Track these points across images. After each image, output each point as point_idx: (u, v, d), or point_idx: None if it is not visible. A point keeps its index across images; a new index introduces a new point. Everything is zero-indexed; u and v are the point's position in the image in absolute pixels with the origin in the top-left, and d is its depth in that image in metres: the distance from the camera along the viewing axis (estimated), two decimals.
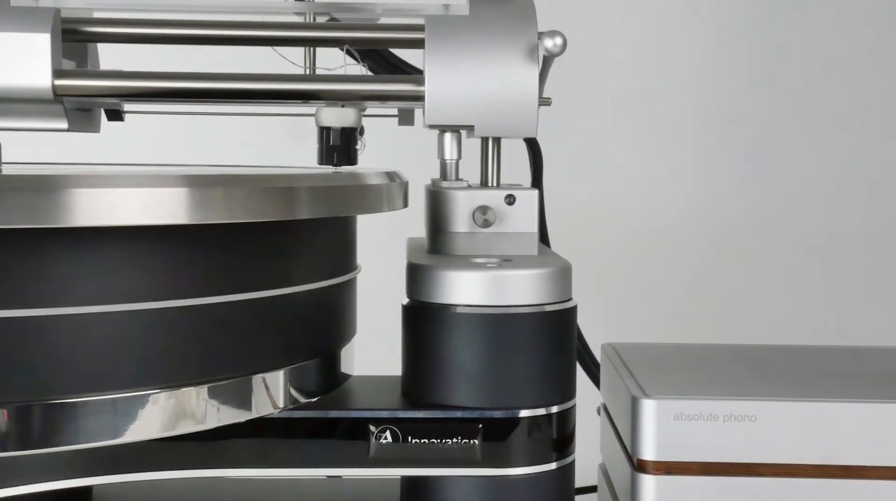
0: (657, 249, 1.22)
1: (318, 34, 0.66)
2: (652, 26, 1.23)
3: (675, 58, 1.23)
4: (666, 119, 1.23)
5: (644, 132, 1.23)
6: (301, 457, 0.58)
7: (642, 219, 1.22)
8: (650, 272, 1.21)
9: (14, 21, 0.60)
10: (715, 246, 1.23)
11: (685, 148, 1.24)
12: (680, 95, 1.23)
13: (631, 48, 1.23)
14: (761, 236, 1.22)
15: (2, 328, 0.47)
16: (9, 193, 0.45)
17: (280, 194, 0.52)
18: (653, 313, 1.20)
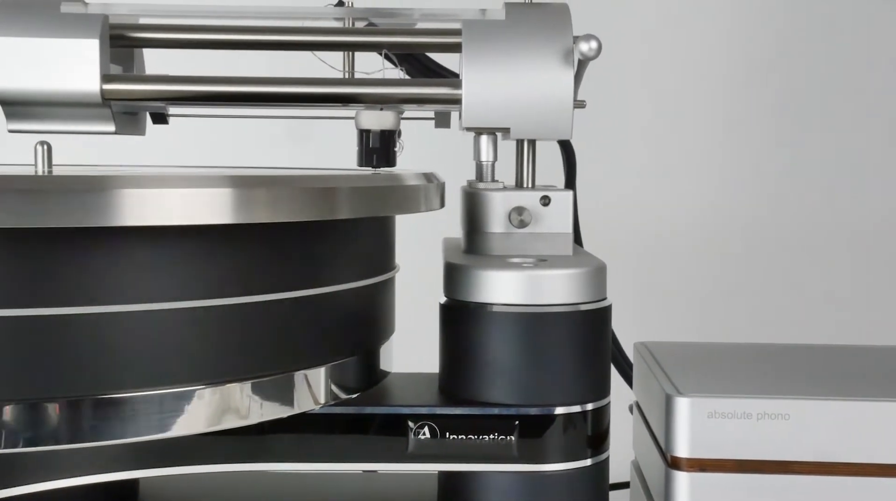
0: (685, 248, 1.22)
1: (357, 39, 0.67)
2: (676, 27, 1.22)
3: (700, 58, 1.22)
4: (692, 119, 1.22)
5: (670, 133, 1.23)
6: (341, 452, 0.58)
7: (670, 219, 1.22)
8: (679, 272, 1.21)
9: (64, 27, 0.61)
10: (743, 246, 1.22)
11: (714, 148, 1.23)
12: (706, 96, 1.22)
13: (655, 49, 1.22)
14: (791, 235, 1.21)
15: (53, 324, 0.47)
16: (61, 194, 0.45)
17: (322, 195, 0.52)
18: (681, 312, 1.19)
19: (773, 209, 1.22)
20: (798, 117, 1.22)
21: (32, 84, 0.61)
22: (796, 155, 1.22)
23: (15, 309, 0.47)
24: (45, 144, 0.53)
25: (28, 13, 0.61)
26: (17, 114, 0.62)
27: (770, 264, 1.21)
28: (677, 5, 1.22)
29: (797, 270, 1.21)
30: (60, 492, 0.57)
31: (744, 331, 1.00)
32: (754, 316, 1.19)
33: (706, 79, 1.22)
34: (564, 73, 0.62)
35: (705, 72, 1.22)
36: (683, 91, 1.22)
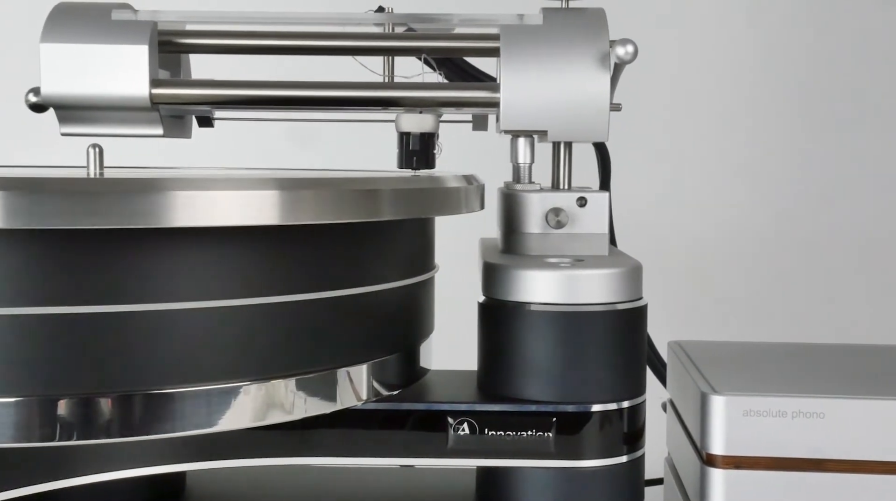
0: (715, 249, 1.21)
1: (397, 44, 0.67)
2: (705, 30, 1.21)
3: (729, 62, 1.21)
4: (723, 121, 1.22)
5: (701, 134, 1.22)
6: (382, 447, 0.58)
7: (701, 219, 1.21)
8: (710, 272, 1.20)
9: (115, 34, 0.61)
10: (775, 246, 1.21)
11: (746, 149, 1.22)
12: (737, 98, 1.21)
13: (684, 52, 1.21)
14: (824, 235, 1.20)
15: (106, 322, 0.48)
16: (113, 195, 0.46)
17: (365, 197, 0.52)
18: (713, 312, 1.18)
19: (806, 209, 1.21)
20: (831, 118, 1.21)
21: (84, 89, 0.61)
22: (831, 156, 1.21)
23: (69, 307, 0.47)
24: (97, 147, 0.54)
25: (80, 20, 0.62)
26: (70, 118, 0.63)
27: (802, 264, 1.20)
28: (706, 10, 1.21)
29: (830, 270, 1.20)
30: (111, 484, 0.57)
31: (775, 331, 0.99)
32: (786, 316, 1.18)
33: (736, 82, 1.21)
34: (601, 76, 0.61)
35: (735, 75, 1.21)
36: (714, 94, 1.21)
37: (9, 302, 0.47)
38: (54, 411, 0.48)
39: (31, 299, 0.47)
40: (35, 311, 0.47)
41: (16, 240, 0.47)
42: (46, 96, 0.62)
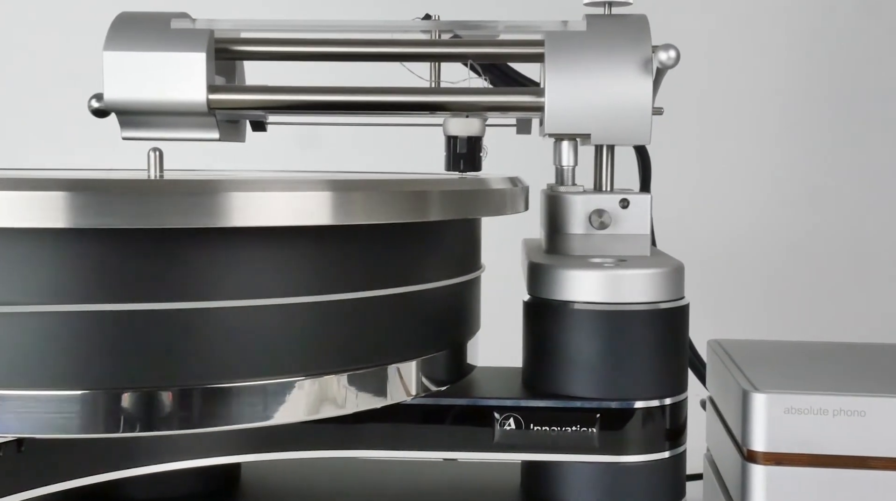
0: (748, 248, 1.20)
1: (444, 50, 0.67)
2: (740, 34, 1.20)
3: (767, 65, 1.20)
4: (763, 122, 1.20)
5: (740, 135, 1.20)
6: (430, 441, 0.58)
7: (737, 220, 1.20)
8: (744, 272, 1.19)
9: (174, 42, 0.62)
10: (812, 245, 1.19)
11: (785, 149, 1.20)
12: (775, 99, 1.20)
13: (717, 54, 1.20)
14: (861, 235, 1.18)
15: (166, 318, 0.48)
16: (174, 196, 0.46)
17: (415, 198, 0.52)
18: (750, 311, 1.17)
19: (844, 209, 1.19)
20: (866, 119, 1.19)
21: (145, 95, 0.62)
22: (866, 155, 1.19)
23: (133, 304, 0.48)
24: (157, 151, 0.54)
25: (141, 29, 0.63)
26: (131, 123, 0.64)
27: (839, 263, 1.19)
28: (744, 14, 1.20)
29: (868, 269, 1.18)
30: (170, 474, 0.58)
31: (813, 330, 0.98)
32: (823, 315, 1.16)
33: (769, 83, 1.20)
34: (644, 80, 0.61)
35: (767, 76, 1.20)
36: (746, 94, 1.20)
37: (75, 299, 0.47)
38: (118, 404, 0.48)
39: (97, 297, 0.47)
40: (100, 308, 0.47)
41: (82, 239, 0.47)
42: (109, 102, 0.62)
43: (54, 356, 0.47)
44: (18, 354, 0.47)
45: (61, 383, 0.47)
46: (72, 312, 0.47)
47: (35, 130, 1.20)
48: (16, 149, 1.18)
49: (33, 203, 0.45)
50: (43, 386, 0.47)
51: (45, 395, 0.47)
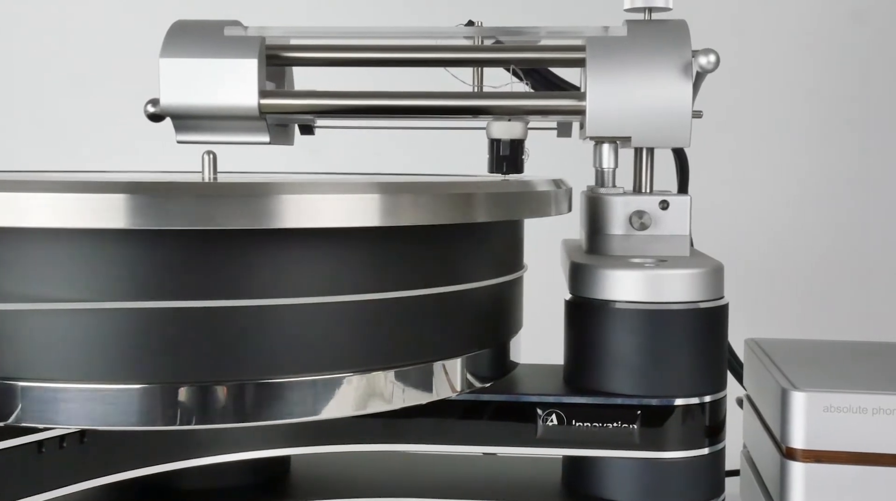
0: (783, 248, 1.18)
1: (487, 55, 0.67)
2: (773, 35, 1.19)
3: (799, 65, 1.18)
4: (799, 122, 1.18)
5: (777, 135, 1.19)
6: (474, 436, 0.58)
7: (773, 220, 1.18)
8: (779, 271, 1.17)
9: (227, 49, 0.62)
10: (846, 245, 1.17)
11: (818, 148, 1.19)
12: (811, 99, 1.18)
13: (748, 55, 1.18)
14: (894, 235, 1.16)
15: (221, 316, 0.49)
16: (230, 199, 0.46)
17: (461, 200, 0.52)
18: (782, 310, 1.15)
19: (880, 209, 1.17)
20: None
21: (199, 100, 0.63)
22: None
23: (189, 301, 0.48)
24: (211, 154, 0.55)
25: (195, 37, 0.63)
26: (185, 127, 0.64)
27: (876, 263, 1.17)
28: (777, 14, 1.19)
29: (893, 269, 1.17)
30: (223, 466, 0.58)
31: (849, 329, 0.96)
32: (859, 315, 1.14)
33: (805, 80, 1.18)
34: (684, 84, 0.60)
35: (804, 74, 1.18)
36: (782, 94, 1.19)
37: (135, 297, 0.48)
38: (175, 397, 0.49)
39: (156, 294, 0.48)
40: (159, 305, 0.48)
41: (142, 240, 0.48)
42: (165, 107, 0.63)
43: (115, 352, 0.48)
44: (82, 349, 0.48)
45: (122, 377, 0.48)
46: (131, 309, 0.48)
47: (88, 134, 1.22)
48: (71, 152, 1.20)
49: (96, 205, 0.45)
50: (104, 380, 0.48)
51: (106, 389, 0.48)
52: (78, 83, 1.23)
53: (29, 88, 1.24)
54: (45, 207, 0.45)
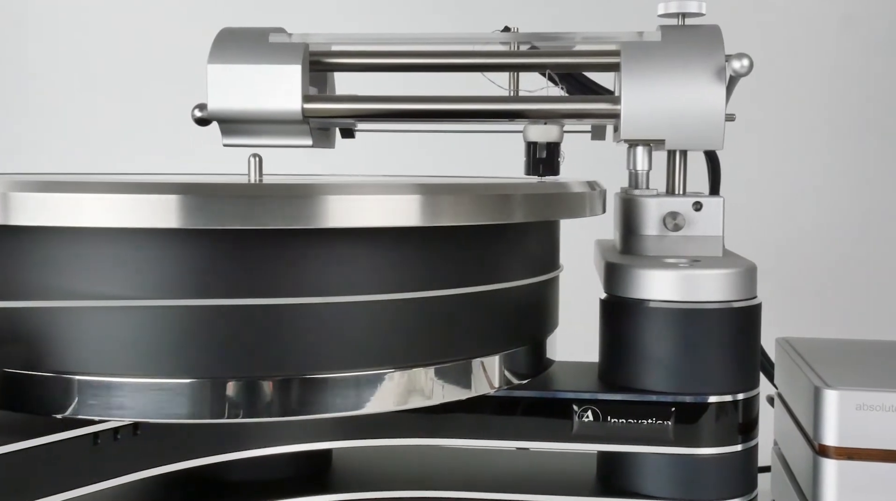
0: (811, 248, 1.17)
1: (524, 60, 0.66)
2: (806, 35, 1.18)
3: (829, 67, 1.17)
4: (826, 120, 1.17)
5: (805, 134, 1.18)
6: (511, 431, 0.58)
7: (801, 220, 1.17)
8: (808, 271, 1.16)
9: (272, 55, 0.63)
10: (873, 245, 1.16)
11: (848, 148, 1.17)
12: (839, 97, 1.17)
13: (774, 55, 1.17)
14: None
15: (267, 313, 0.49)
16: (277, 200, 0.47)
17: (499, 201, 0.52)
18: (811, 309, 1.14)
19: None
20: None
21: (245, 105, 0.63)
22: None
23: (237, 299, 0.49)
24: (257, 157, 0.55)
25: (242, 43, 0.63)
26: (231, 131, 0.65)
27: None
28: (809, 16, 1.18)
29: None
30: (267, 458, 0.59)
31: (878, 329, 0.95)
32: (888, 314, 1.13)
33: (836, 82, 1.17)
34: (717, 88, 0.60)
35: (835, 74, 1.17)
36: (814, 93, 1.17)
37: (185, 294, 0.48)
38: (223, 392, 0.49)
39: (206, 292, 0.48)
40: (208, 302, 0.48)
41: (193, 239, 0.48)
42: (212, 111, 0.63)
43: (167, 347, 0.48)
44: (135, 345, 0.48)
45: (173, 372, 0.49)
46: (183, 306, 0.48)
47: (134, 137, 1.23)
48: (117, 154, 1.22)
49: (149, 206, 0.46)
50: (156, 375, 0.48)
51: (158, 383, 0.48)
52: (126, 89, 1.24)
53: (80, 94, 1.25)
54: (102, 207, 0.46)
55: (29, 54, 1.27)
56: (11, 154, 1.25)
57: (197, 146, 0.91)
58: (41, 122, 1.27)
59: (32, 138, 1.27)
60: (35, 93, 1.27)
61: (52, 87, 1.27)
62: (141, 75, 1.24)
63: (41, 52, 1.27)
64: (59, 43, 1.27)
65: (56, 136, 1.26)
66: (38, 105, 1.27)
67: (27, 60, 1.27)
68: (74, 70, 1.26)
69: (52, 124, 1.26)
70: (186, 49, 0.88)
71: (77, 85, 1.26)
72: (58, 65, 1.27)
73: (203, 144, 0.76)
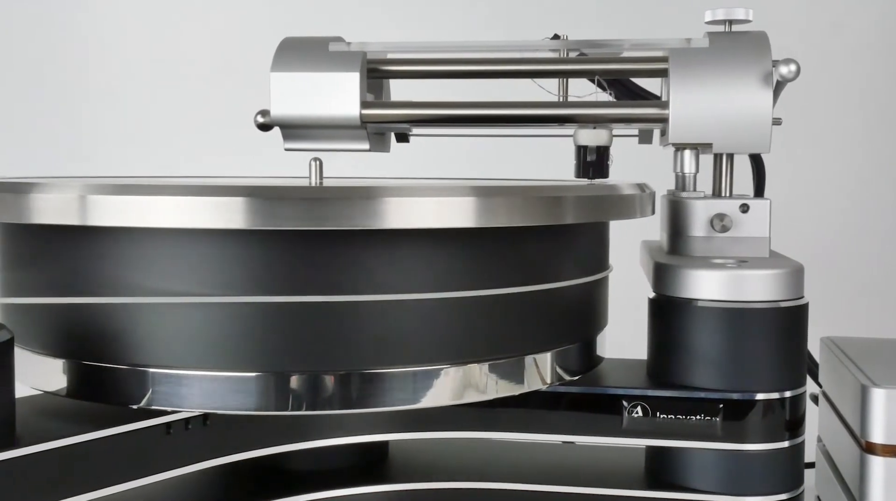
0: (853, 248, 1.15)
1: (574, 67, 0.66)
2: (852, 35, 1.15)
3: (875, 69, 1.15)
4: (869, 119, 1.15)
5: (848, 134, 1.15)
6: (562, 425, 0.58)
7: (842, 219, 1.15)
8: (849, 271, 1.14)
9: (331, 63, 0.63)
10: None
11: (891, 146, 1.15)
12: (883, 95, 1.14)
13: (820, 57, 1.15)
14: None
15: (329, 310, 0.49)
16: (339, 202, 0.47)
17: (552, 203, 0.52)
18: (854, 308, 1.12)
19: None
20: None
21: (305, 111, 0.63)
22: None
23: (301, 296, 0.49)
24: (318, 160, 0.55)
25: (302, 52, 0.64)
26: (292, 136, 0.65)
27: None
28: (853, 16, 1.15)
29: None
30: (327, 449, 0.59)
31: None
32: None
33: (880, 81, 1.14)
34: (765, 93, 0.59)
35: (878, 73, 1.14)
36: (857, 92, 1.15)
37: (252, 292, 0.49)
38: (287, 385, 0.49)
39: (271, 290, 0.49)
40: (273, 300, 0.49)
41: (259, 239, 0.49)
42: (275, 117, 0.64)
43: (235, 342, 0.49)
44: (205, 339, 0.49)
45: (240, 366, 0.49)
46: (249, 303, 0.49)
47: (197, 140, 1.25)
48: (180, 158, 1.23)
49: (218, 208, 0.46)
50: (225, 368, 0.49)
51: (226, 376, 0.49)
52: (190, 96, 1.26)
53: (152, 101, 1.27)
54: (174, 209, 0.46)
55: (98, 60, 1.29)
56: (76, 156, 1.27)
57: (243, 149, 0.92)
58: (108, 125, 1.29)
59: (101, 141, 1.29)
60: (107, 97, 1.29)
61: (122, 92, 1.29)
62: (203, 83, 1.25)
63: (110, 57, 1.29)
64: (124, 51, 1.29)
65: (124, 139, 1.28)
66: (108, 109, 1.29)
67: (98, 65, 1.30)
68: (143, 79, 1.28)
69: (119, 128, 1.28)
70: (247, 58, 0.89)
71: (147, 94, 1.28)
72: (122, 73, 1.29)
73: (248, 146, 0.76)
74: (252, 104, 0.67)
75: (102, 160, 1.25)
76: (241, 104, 0.76)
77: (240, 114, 0.87)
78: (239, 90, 0.95)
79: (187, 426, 0.53)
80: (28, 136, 1.29)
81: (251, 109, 0.67)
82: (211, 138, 1.22)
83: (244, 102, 0.72)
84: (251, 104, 0.67)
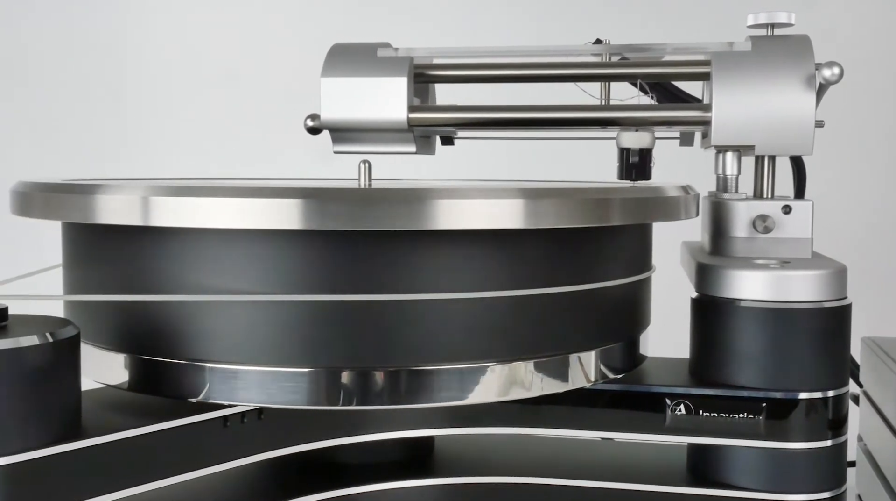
0: (886, 249, 1.13)
1: (616, 71, 0.66)
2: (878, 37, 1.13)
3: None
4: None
5: (886, 134, 1.13)
6: (605, 422, 0.58)
7: (881, 219, 1.13)
8: (890, 272, 1.12)
9: (380, 68, 0.63)
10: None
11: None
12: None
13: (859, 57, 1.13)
14: None
15: (380, 308, 0.49)
16: (391, 203, 0.47)
17: (598, 205, 0.51)
18: (887, 309, 1.10)
19: None
20: None
21: (354, 115, 0.64)
22: None
23: (352, 295, 0.49)
24: (367, 163, 0.55)
25: (352, 58, 0.64)
26: (341, 139, 0.66)
27: None
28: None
29: None
30: (375, 443, 0.59)
31: None
32: None
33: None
34: (807, 96, 0.58)
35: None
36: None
37: (304, 290, 0.49)
38: (339, 380, 0.50)
39: (324, 288, 0.49)
40: (326, 298, 0.49)
41: (312, 239, 0.49)
42: (325, 121, 0.64)
43: (288, 338, 0.49)
44: (260, 336, 0.49)
45: (293, 361, 0.49)
46: (303, 301, 0.49)
47: (246, 143, 1.26)
48: (231, 160, 1.24)
49: (275, 209, 0.47)
50: (279, 364, 0.49)
51: (280, 371, 0.49)
52: (239, 100, 1.27)
53: (205, 106, 1.28)
54: (232, 210, 0.47)
55: (147, 63, 1.31)
56: (122, 157, 1.29)
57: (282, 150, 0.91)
58: (154, 128, 1.30)
59: (148, 143, 1.30)
60: (155, 99, 1.31)
61: (169, 96, 1.30)
62: (251, 88, 1.26)
63: (158, 61, 1.30)
64: (176, 56, 1.30)
65: (175, 142, 1.29)
66: (156, 112, 1.30)
67: (147, 69, 1.31)
68: (193, 83, 1.29)
69: (167, 130, 1.30)
70: (296, 63, 0.90)
71: (200, 98, 1.29)
72: (172, 76, 1.30)
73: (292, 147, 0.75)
74: (284, 109, 0.67)
75: (126, 162, 1.27)
76: (262, 107, 0.77)
77: (258, 118, 0.87)
78: (287, 95, 0.95)
79: (243, 419, 0.53)
80: (53, 137, 1.31)
81: (279, 113, 0.67)
82: (238, 142, 1.23)
83: (295, 104, 0.72)
84: (281, 109, 0.68)
